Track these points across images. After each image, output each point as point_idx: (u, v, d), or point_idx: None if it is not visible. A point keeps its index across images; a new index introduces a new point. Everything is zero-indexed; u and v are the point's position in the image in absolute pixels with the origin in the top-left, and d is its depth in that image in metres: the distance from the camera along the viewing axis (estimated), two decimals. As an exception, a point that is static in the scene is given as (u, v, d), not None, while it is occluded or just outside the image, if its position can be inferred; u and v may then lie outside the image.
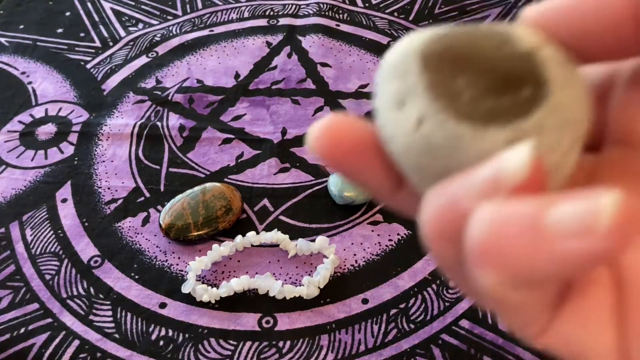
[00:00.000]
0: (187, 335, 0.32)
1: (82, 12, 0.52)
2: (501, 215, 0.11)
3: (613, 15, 0.12)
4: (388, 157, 0.14)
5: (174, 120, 0.42)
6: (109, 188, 0.39)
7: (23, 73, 0.46)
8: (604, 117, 0.15)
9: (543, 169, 0.11)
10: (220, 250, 0.34)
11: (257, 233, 0.35)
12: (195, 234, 0.35)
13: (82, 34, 0.49)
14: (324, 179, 0.38)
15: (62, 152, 0.41)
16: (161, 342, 0.31)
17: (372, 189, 0.15)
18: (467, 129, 0.13)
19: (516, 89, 0.13)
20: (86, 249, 0.35)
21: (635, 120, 0.14)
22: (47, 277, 0.34)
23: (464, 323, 0.31)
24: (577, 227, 0.10)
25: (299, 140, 0.41)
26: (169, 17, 0.51)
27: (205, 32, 0.49)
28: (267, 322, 0.32)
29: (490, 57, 0.14)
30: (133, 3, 0.52)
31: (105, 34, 0.49)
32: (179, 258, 0.35)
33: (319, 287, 0.33)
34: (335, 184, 0.37)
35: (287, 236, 0.35)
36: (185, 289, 0.33)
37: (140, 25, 0.50)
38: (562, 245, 0.10)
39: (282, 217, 0.37)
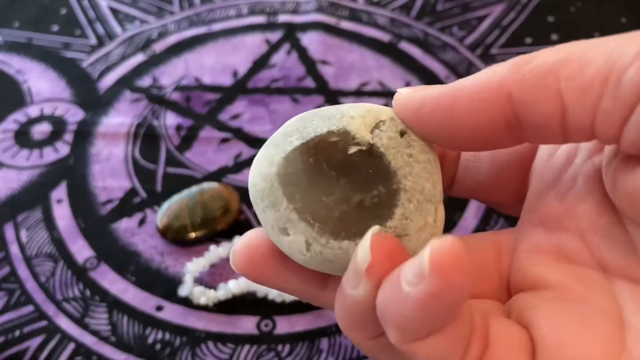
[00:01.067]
0: (184, 339, 0.31)
1: (77, 9, 0.51)
2: (384, 289, 0.14)
3: (487, 121, 0.14)
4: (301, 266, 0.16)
5: (171, 119, 0.42)
6: (105, 188, 0.38)
7: (18, 71, 0.46)
8: (525, 190, 0.18)
9: (391, 247, 0.14)
10: (218, 251, 0.33)
11: (256, 234, 0.34)
12: (193, 235, 0.34)
13: (77, 32, 0.49)
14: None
15: (57, 151, 0.40)
16: (158, 346, 0.31)
17: (299, 295, 0.17)
18: (348, 243, 0.15)
19: (372, 187, 0.15)
20: (81, 250, 0.35)
21: (548, 212, 0.17)
22: (42, 279, 0.34)
23: (467, 326, 0.31)
24: (414, 276, 0.12)
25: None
26: (166, 14, 0.50)
27: (203, 30, 0.49)
28: (266, 325, 0.31)
29: (341, 162, 0.15)
30: (129, 0, 0.51)
31: (101, 32, 0.49)
32: (176, 260, 0.34)
33: (318, 290, 0.32)
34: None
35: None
36: (183, 291, 0.32)
37: (137, 23, 0.49)
38: (411, 294, 0.12)
39: (281, 218, 0.36)
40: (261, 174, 0.16)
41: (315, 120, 0.16)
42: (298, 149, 0.15)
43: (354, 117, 0.15)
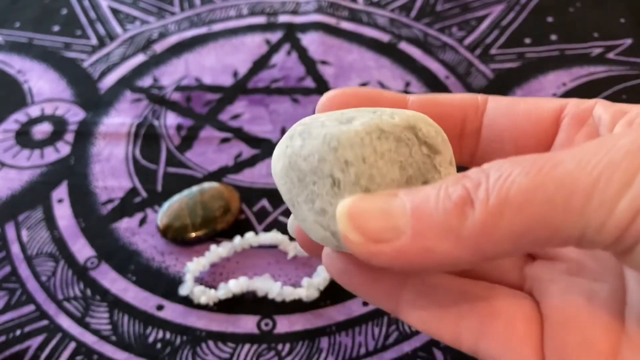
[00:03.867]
0: (184, 338, 0.31)
1: (78, 9, 0.51)
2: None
3: (543, 121, 0.17)
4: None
5: (172, 119, 0.42)
6: (105, 188, 0.38)
7: (19, 71, 0.46)
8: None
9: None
10: (218, 251, 0.34)
11: (256, 234, 0.34)
12: (193, 234, 0.34)
13: (78, 32, 0.49)
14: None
15: (58, 151, 0.40)
16: (158, 345, 0.31)
17: (381, 305, 0.17)
18: None
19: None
20: (82, 250, 0.35)
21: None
22: (43, 278, 0.34)
23: (466, 325, 0.31)
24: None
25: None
26: (167, 15, 0.50)
27: (204, 30, 0.49)
28: (266, 324, 0.32)
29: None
30: (130, 0, 0.52)
31: (102, 32, 0.49)
32: (176, 259, 0.34)
33: (318, 289, 0.32)
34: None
35: (286, 237, 0.34)
36: (183, 291, 0.32)
37: (137, 23, 0.49)
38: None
39: (281, 218, 0.36)
40: None
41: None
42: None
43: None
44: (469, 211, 0.13)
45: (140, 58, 0.46)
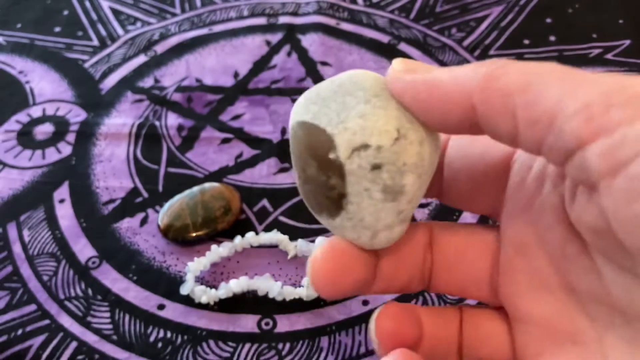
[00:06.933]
0: (185, 337, 0.31)
1: (79, 10, 0.51)
2: None
3: (454, 119, 0.17)
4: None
5: (173, 119, 0.42)
6: (106, 188, 0.38)
7: (20, 72, 0.46)
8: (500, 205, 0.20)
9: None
10: (219, 251, 0.34)
11: (257, 234, 0.35)
12: (194, 234, 0.35)
13: (79, 33, 0.49)
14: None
15: (59, 152, 0.41)
16: (159, 344, 0.31)
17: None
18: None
19: (331, 189, 0.18)
20: (84, 249, 0.35)
21: (521, 238, 0.19)
22: (45, 278, 0.34)
23: (466, 325, 0.31)
24: None
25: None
26: (168, 16, 0.50)
27: (204, 31, 0.49)
28: (267, 323, 0.32)
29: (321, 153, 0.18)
30: (131, 1, 0.52)
31: (103, 33, 0.49)
32: (177, 259, 0.35)
33: (318, 289, 0.32)
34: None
35: (286, 237, 0.34)
36: (184, 290, 0.32)
37: (139, 24, 0.50)
38: None
39: (281, 218, 0.36)
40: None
41: (332, 106, 0.18)
42: (303, 124, 0.19)
43: (347, 129, 0.18)
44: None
45: (141, 59, 0.47)
